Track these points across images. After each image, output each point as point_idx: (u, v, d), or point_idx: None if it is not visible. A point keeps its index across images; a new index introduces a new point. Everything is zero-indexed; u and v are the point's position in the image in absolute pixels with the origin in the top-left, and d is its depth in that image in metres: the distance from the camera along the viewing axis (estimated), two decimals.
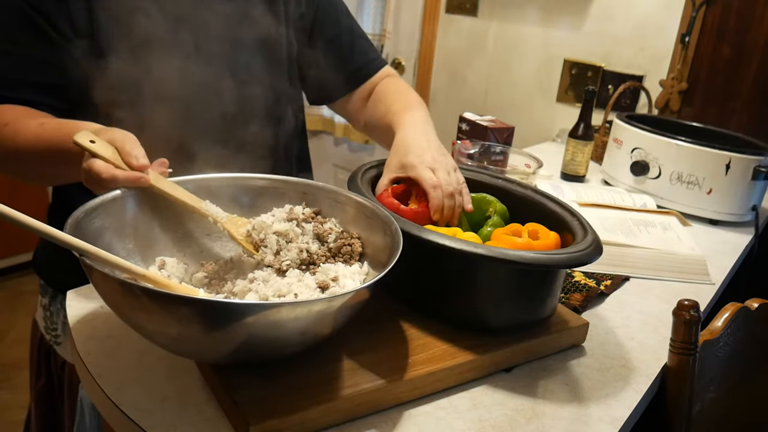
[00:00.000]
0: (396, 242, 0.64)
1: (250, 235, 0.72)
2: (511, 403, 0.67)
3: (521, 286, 0.73)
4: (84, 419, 0.92)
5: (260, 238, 0.71)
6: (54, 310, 1.01)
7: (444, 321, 0.73)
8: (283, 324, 0.52)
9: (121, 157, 0.66)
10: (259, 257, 0.71)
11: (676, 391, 0.77)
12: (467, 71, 2.39)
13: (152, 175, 0.68)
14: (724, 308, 0.89)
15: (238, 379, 0.59)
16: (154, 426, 0.57)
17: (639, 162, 1.42)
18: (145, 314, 0.54)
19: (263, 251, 0.70)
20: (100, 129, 0.69)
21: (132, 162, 0.65)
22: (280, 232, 0.71)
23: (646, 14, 1.93)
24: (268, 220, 0.73)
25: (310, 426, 0.58)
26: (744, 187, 1.33)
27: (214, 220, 0.72)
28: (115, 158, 0.65)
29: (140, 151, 0.66)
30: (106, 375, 0.63)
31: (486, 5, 2.28)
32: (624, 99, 2.00)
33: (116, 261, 0.57)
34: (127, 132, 0.68)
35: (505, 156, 1.35)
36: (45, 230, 0.53)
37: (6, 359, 2.31)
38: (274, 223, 0.72)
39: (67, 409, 1.02)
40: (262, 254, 0.70)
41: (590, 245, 0.73)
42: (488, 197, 0.87)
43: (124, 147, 0.65)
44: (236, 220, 0.74)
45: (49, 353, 1.04)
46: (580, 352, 0.78)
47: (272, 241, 0.70)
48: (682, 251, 1.10)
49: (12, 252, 2.75)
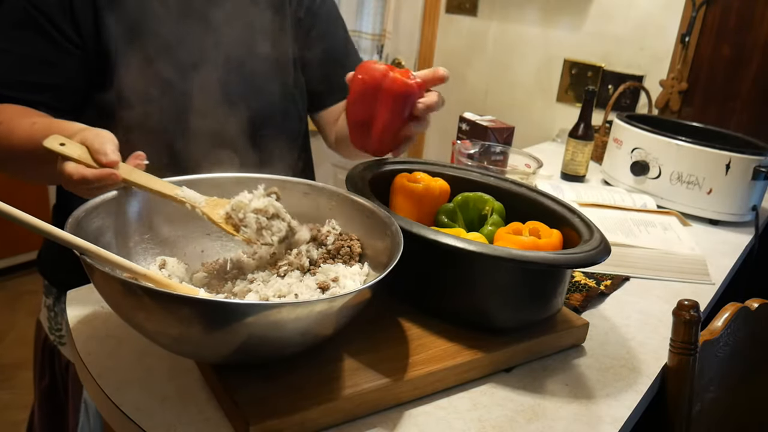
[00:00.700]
0: (396, 243, 0.64)
1: (230, 217, 0.70)
2: (511, 403, 0.67)
3: (533, 286, 0.73)
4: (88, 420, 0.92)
5: (239, 218, 0.69)
6: (58, 311, 1.01)
7: (449, 321, 0.73)
8: (283, 324, 0.52)
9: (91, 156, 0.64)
10: (240, 237, 0.69)
11: (676, 391, 0.77)
12: (467, 71, 2.39)
13: (125, 170, 0.66)
14: (724, 308, 0.89)
15: (238, 379, 0.59)
16: (154, 426, 0.57)
17: (639, 162, 1.42)
18: (145, 314, 0.54)
19: (244, 231, 0.69)
20: (81, 129, 0.68)
21: (101, 159, 0.63)
22: (259, 209, 0.69)
23: (646, 14, 1.93)
24: (246, 199, 0.70)
25: (310, 426, 0.58)
26: (744, 187, 1.33)
27: (191, 206, 0.70)
28: (86, 158, 0.64)
29: (110, 147, 0.64)
30: (106, 375, 0.63)
31: (486, 5, 2.28)
32: (624, 99, 2.00)
33: (117, 260, 0.57)
34: (101, 130, 0.66)
35: (505, 156, 1.35)
36: (46, 229, 0.53)
37: (6, 359, 2.31)
38: (253, 201, 0.70)
39: (71, 410, 1.02)
40: (243, 234, 0.69)
41: (600, 243, 0.73)
42: (485, 196, 0.87)
43: (93, 145, 0.64)
44: (215, 202, 0.71)
45: (53, 354, 1.04)
46: (581, 352, 0.78)
47: (251, 219, 0.69)
48: (682, 251, 1.11)
49: (13, 252, 2.75)
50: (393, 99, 0.78)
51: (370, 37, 2.59)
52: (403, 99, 0.78)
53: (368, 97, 0.80)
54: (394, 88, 0.78)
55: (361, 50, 2.63)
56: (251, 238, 0.69)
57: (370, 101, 0.80)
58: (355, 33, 2.62)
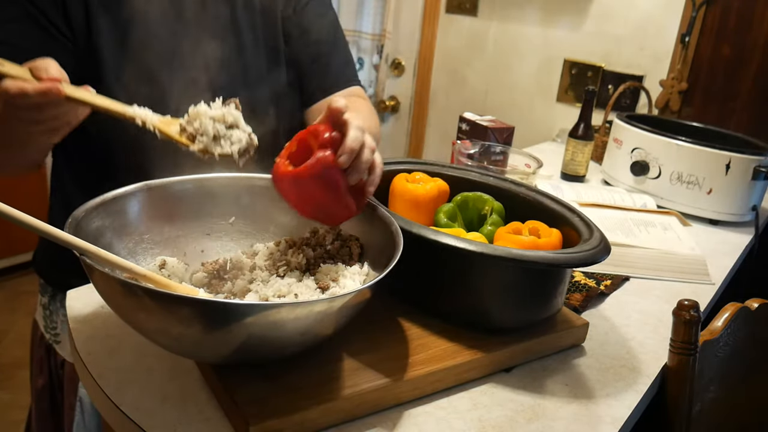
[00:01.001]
0: (396, 243, 0.64)
1: (184, 130, 0.65)
2: (511, 403, 0.67)
3: (534, 285, 0.73)
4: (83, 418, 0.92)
5: (195, 128, 0.65)
6: (53, 309, 1.01)
7: (449, 321, 0.73)
8: (283, 324, 0.52)
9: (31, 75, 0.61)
10: (195, 148, 0.64)
11: (676, 391, 0.77)
12: (467, 71, 2.39)
13: (69, 88, 0.62)
14: (724, 308, 0.89)
15: (238, 379, 0.59)
16: (154, 426, 0.57)
17: (639, 162, 1.42)
18: (145, 314, 0.54)
19: (200, 140, 0.64)
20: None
21: (41, 75, 0.60)
22: (216, 117, 0.65)
23: (646, 14, 1.93)
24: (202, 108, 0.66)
25: (310, 426, 0.58)
26: (744, 187, 1.33)
27: (142, 122, 0.65)
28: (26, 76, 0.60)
29: (53, 66, 0.61)
30: (106, 375, 0.63)
31: (486, 5, 2.28)
32: (624, 99, 2.00)
33: (117, 260, 0.57)
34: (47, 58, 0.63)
35: (505, 156, 1.35)
36: (46, 230, 0.53)
37: (6, 359, 2.31)
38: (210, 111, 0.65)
39: (66, 407, 1.02)
40: (198, 143, 0.64)
41: (600, 242, 0.74)
42: (484, 196, 0.87)
43: (35, 64, 0.61)
44: (169, 121, 0.67)
45: (49, 352, 1.04)
46: (580, 352, 0.78)
47: (207, 126, 0.63)
48: (682, 251, 1.10)
49: (12, 252, 2.75)
50: (309, 182, 0.65)
51: (370, 37, 2.59)
52: (312, 177, 0.64)
53: (296, 197, 0.69)
54: (300, 178, 0.65)
55: (361, 50, 2.63)
56: (208, 147, 0.63)
57: (302, 199, 0.69)
58: (355, 33, 2.62)
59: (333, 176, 0.64)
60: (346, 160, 0.63)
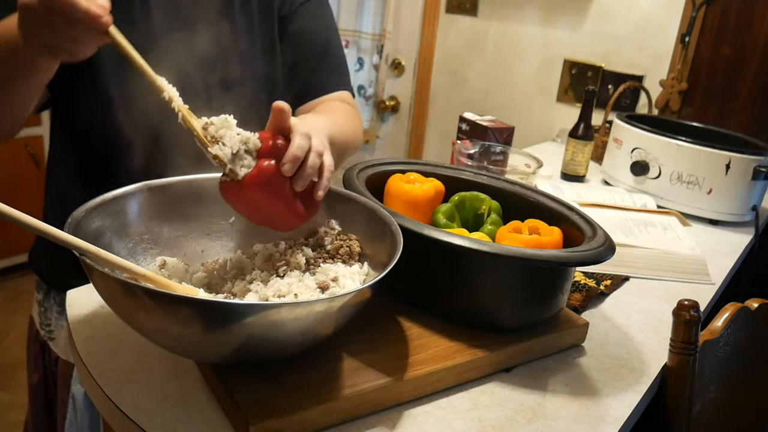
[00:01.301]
0: (396, 242, 0.64)
1: (207, 128, 0.65)
2: (511, 403, 0.67)
3: (540, 284, 0.73)
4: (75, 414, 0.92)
5: (219, 134, 0.64)
6: (48, 306, 1.02)
7: (449, 321, 0.73)
8: (283, 324, 0.52)
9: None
10: (213, 152, 0.63)
11: (676, 391, 0.77)
12: (467, 71, 2.39)
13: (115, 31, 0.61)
14: (724, 308, 0.89)
15: (238, 379, 0.59)
16: (154, 426, 0.57)
17: (639, 162, 1.42)
18: (145, 314, 0.54)
19: (221, 147, 0.63)
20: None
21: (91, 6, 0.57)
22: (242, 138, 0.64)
23: (646, 14, 1.93)
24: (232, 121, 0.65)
25: (310, 426, 0.58)
26: (744, 187, 1.33)
27: (170, 97, 0.64)
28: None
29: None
30: (106, 375, 0.63)
31: (486, 5, 2.28)
32: (624, 99, 2.00)
33: (116, 261, 0.57)
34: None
35: (505, 156, 1.35)
36: (46, 230, 0.53)
37: (6, 359, 2.31)
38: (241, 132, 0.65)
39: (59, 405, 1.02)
40: (217, 150, 0.63)
41: (605, 240, 0.74)
42: (481, 195, 0.87)
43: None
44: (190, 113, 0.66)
45: (44, 349, 1.04)
46: (580, 352, 0.78)
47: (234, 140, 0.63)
48: (682, 251, 1.11)
49: (11, 252, 2.75)
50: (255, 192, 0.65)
51: (370, 37, 2.59)
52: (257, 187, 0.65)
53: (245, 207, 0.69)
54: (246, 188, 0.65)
55: (361, 50, 2.63)
56: (225, 159, 0.63)
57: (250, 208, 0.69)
58: (355, 33, 2.62)
59: (278, 185, 0.65)
60: (289, 169, 0.64)
